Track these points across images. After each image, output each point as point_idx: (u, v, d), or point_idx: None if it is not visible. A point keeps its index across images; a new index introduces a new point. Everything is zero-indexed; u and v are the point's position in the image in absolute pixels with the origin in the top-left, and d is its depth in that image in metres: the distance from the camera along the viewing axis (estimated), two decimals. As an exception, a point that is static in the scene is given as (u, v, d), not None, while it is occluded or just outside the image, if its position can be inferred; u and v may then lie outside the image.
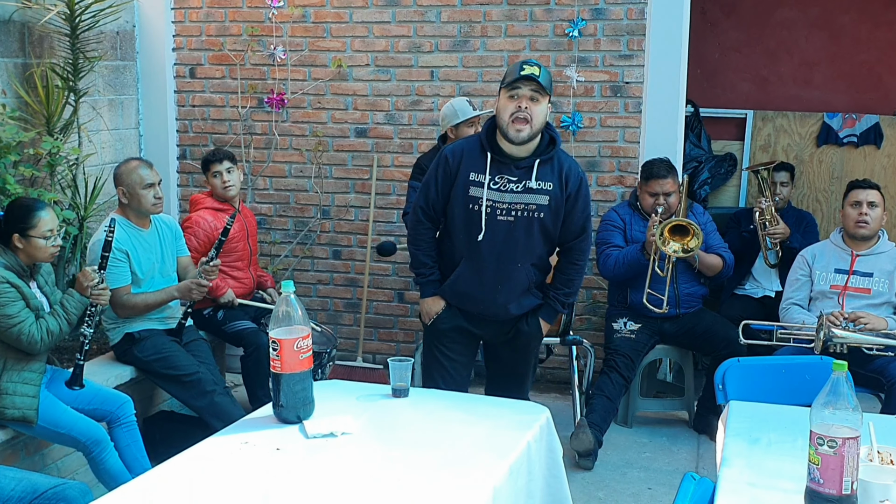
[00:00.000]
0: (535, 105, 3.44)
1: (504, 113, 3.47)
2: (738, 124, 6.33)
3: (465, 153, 3.60)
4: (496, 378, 3.93)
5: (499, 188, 3.54)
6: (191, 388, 4.19)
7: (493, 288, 3.65)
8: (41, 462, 3.84)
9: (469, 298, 3.70)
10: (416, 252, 3.78)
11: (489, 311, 3.70)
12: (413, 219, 3.77)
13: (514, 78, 3.44)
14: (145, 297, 4.19)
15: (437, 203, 3.66)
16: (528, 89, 3.43)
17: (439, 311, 3.75)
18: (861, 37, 6.12)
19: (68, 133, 4.93)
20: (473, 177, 3.56)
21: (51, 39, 4.97)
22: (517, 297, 3.69)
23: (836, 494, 2.05)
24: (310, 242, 5.79)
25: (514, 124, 3.45)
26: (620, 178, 5.30)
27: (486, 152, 3.56)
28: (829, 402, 2.06)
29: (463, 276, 3.66)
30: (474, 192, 3.55)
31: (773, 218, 5.15)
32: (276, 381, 2.75)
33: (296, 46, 5.62)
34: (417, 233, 3.76)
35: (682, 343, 4.87)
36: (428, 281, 3.76)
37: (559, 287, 3.79)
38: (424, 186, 3.70)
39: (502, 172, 3.54)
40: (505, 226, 3.57)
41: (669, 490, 4.17)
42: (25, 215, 3.50)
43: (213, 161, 4.83)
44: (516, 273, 3.65)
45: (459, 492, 2.35)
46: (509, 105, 3.46)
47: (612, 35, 5.18)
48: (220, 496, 2.30)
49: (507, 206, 3.55)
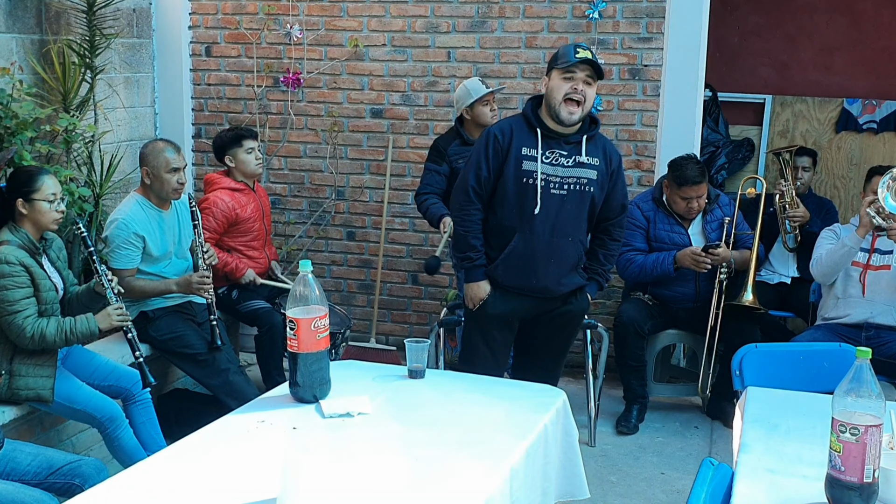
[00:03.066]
0: (588, 88, 3.51)
1: (557, 93, 3.51)
2: (756, 109, 6.29)
3: (514, 130, 3.63)
4: (526, 361, 3.90)
5: (551, 162, 3.59)
6: (205, 366, 4.20)
7: (546, 261, 3.65)
8: (56, 438, 3.85)
9: (521, 274, 3.67)
10: (466, 234, 3.72)
11: (540, 284, 3.69)
12: (462, 199, 3.70)
13: (571, 61, 3.48)
14: (144, 285, 4.16)
15: (490, 181, 3.65)
16: (584, 73, 3.49)
17: (485, 296, 3.73)
18: (882, 22, 6.05)
19: (84, 110, 4.92)
20: (525, 151, 3.59)
21: (67, 16, 4.96)
22: (567, 271, 3.71)
23: (857, 482, 2.03)
24: (324, 223, 5.78)
25: (567, 105, 3.51)
26: (637, 162, 5.27)
27: (535, 128, 3.59)
28: (851, 389, 2.04)
29: (516, 250, 3.65)
30: (528, 165, 3.58)
31: (794, 201, 5.11)
32: (293, 360, 2.74)
33: (312, 25, 5.59)
34: (467, 213, 3.70)
35: (696, 328, 4.85)
36: (475, 265, 3.73)
37: (603, 261, 3.86)
38: (474, 166, 3.66)
39: (553, 147, 3.59)
40: (558, 199, 3.60)
41: (682, 475, 4.16)
42: (28, 180, 3.49)
43: (249, 137, 4.80)
44: (568, 247, 3.68)
45: (477, 472, 2.34)
46: (564, 85, 3.50)
47: (632, 17, 5.13)
48: (236, 474, 2.30)
49: (559, 180, 3.60)
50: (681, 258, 4.62)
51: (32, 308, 3.43)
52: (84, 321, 3.50)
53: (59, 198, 3.55)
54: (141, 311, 4.22)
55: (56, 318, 3.48)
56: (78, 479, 3.00)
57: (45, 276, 3.51)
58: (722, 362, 4.79)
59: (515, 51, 5.30)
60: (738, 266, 4.70)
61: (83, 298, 3.66)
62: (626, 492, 4.04)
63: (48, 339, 3.42)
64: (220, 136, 4.86)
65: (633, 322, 4.66)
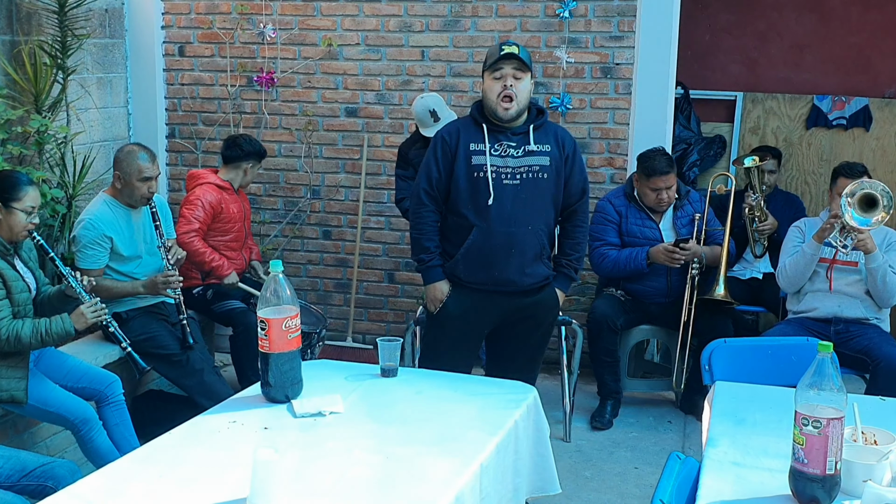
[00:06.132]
0: (518, 82, 3.57)
1: (491, 94, 3.60)
2: (727, 106, 6.33)
3: (460, 130, 3.70)
4: (501, 366, 3.83)
5: (500, 154, 3.64)
6: (179, 367, 4.20)
7: (506, 252, 3.66)
8: (30, 440, 3.84)
9: (482, 267, 3.68)
10: (419, 237, 3.75)
11: (502, 276, 3.68)
12: (415, 202, 3.75)
13: (496, 59, 3.57)
14: (111, 286, 4.15)
15: (441, 182, 3.69)
16: (510, 67, 3.56)
17: (444, 297, 3.75)
18: (851, 19, 6.11)
19: (57, 111, 4.90)
20: (474, 147, 3.64)
21: (39, 16, 4.93)
22: (530, 261, 3.71)
23: (820, 474, 2.06)
24: (299, 222, 5.78)
25: (502, 102, 3.58)
26: (610, 160, 5.30)
27: (481, 124, 3.66)
28: (814, 382, 2.07)
29: (475, 244, 3.66)
30: (477, 160, 3.63)
31: (763, 213, 5.16)
32: (264, 360, 2.75)
33: (285, 25, 5.59)
34: (420, 216, 3.73)
35: (669, 324, 4.89)
36: (430, 266, 3.75)
37: (569, 252, 3.89)
38: (425, 168, 3.72)
39: (500, 140, 3.64)
40: (511, 189, 3.63)
41: (656, 469, 4.19)
42: (13, 186, 3.47)
43: (266, 156, 5.02)
44: (527, 236, 3.68)
45: (447, 469, 2.36)
46: (495, 85, 3.59)
47: (603, 16, 5.16)
48: (207, 474, 2.31)
49: (511, 171, 3.63)
50: (654, 254, 4.67)
51: (6, 310, 3.40)
52: (59, 322, 3.47)
53: (35, 212, 3.53)
54: (114, 313, 4.20)
55: (31, 320, 3.45)
56: (51, 482, 2.99)
57: (17, 278, 3.49)
58: (695, 357, 4.84)
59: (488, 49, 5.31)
60: (709, 262, 4.75)
61: (55, 301, 3.64)
62: (601, 486, 4.08)
63: (23, 340, 3.39)
64: (252, 142, 4.92)
65: (606, 318, 4.70)
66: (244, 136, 4.99)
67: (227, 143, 4.91)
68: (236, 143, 4.87)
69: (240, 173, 4.88)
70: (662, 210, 4.80)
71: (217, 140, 5.68)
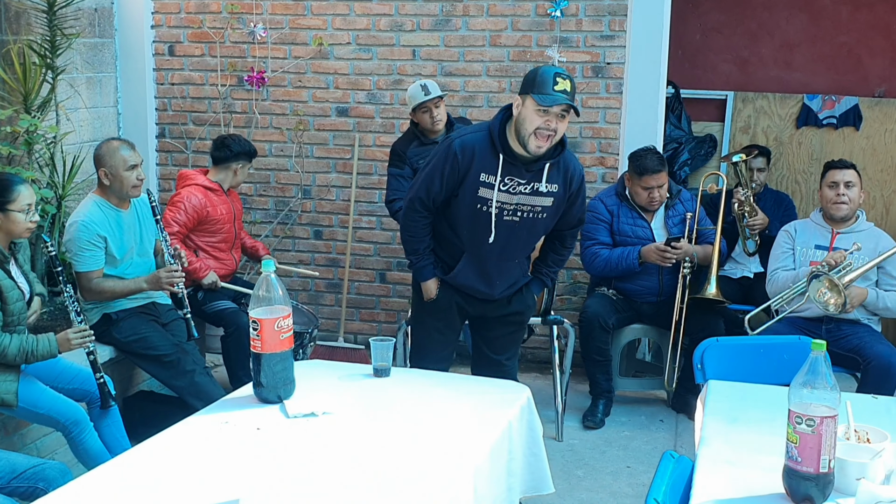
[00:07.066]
0: (561, 122, 3.35)
1: (529, 124, 3.33)
2: (718, 106, 6.34)
3: (476, 152, 3.46)
4: (484, 356, 3.92)
5: (508, 190, 3.48)
6: (170, 367, 4.18)
7: (493, 279, 3.70)
8: (20, 442, 3.82)
9: (467, 289, 3.74)
10: (411, 239, 3.72)
11: (486, 291, 3.74)
12: (408, 208, 3.65)
13: (549, 93, 3.28)
14: (114, 285, 4.13)
15: (440, 197, 3.57)
16: (560, 109, 3.31)
17: (434, 295, 3.77)
18: (841, 19, 6.13)
19: (46, 111, 4.87)
20: (484, 178, 3.47)
21: (28, 16, 4.91)
22: (511, 283, 3.77)
23: (813, 472, 2.07)
24: (291, 222, 5.77)
25: (537, 139, 3.34)
26: (601, 160, 5.31)
27: (497, 153, 3.44)
28: (807, 381, 2.07)
29: (464, 271, 3.68)
30: (484, 192, 3.49)
31: (753, 209, 5.17)
32: (256, 360, 2.74)
33: (276, 24, 5.57)
34: (412, 221, 3.66)
35: (661, 323, 4.90)
36: (423, 265, 3.74)
37: (552, 265, 3.90)
38: (427, 179, 3.56)
39: (512, 174, 3.46)
40: (509, 225, 3.56)
41: (648, 468, 4.20)
42: (4, 189, 3.44)
43: (256, 156, 4.99)
44: (513, 267, 3.73)
45: (441, 471, 2.36)
46: (537, 119, 3.31)
47: (595, 15, 5.17)
48: (199, 476, 2.30)
49: (513, 207, 3.53)
50: (645, 253, 4.68)
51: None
52: (45, 343, 3.42)
53: (34, 208, 3.50)
54: (104, 314, 4.19)
55: (18, 337, 3.39)
56: (42, 483, 2.97)
57: (13, 287, 3.42)
58: (686, 356, 4.85)
59: (480, 49, 5.32)
60: (701, 261, 4.76)
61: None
62: (593, 485, 4.08)
63: (9, 356, 3.35)
64: (241, 142, 4.88)
65: (598, 316, 4.70)
66: (233, 136, 4.96)
67: (216, 144, 4.89)
68: (225, 144, 4.84)
69: (229, 174, 4.85)
70: (654, 209, 4.81)
71: (207, 140, 5.66)
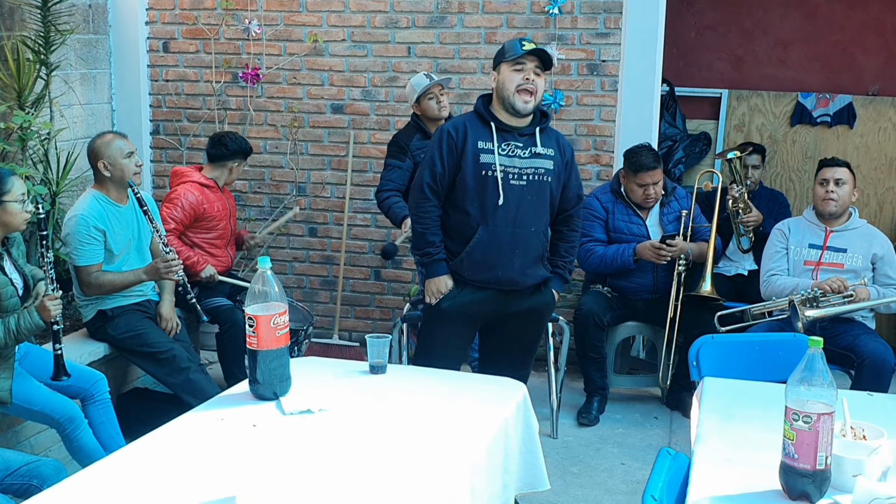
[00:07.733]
0: (538, 79, 3.59)
1: (510, 84, 3.58)
2: (712, 103, 6.34)
3: (468, 127, 3.66)
4: (493, 362, 3.83)
5: (507, 154, 3.62)
6: (165, 364, 4.17)
7: (511, 253, 3.67)
8: (14, 439, 3.81)
9: (486, 267, 3.68)
10: (424, 231, 3.72)
11: (506, 276, 3.69)
12: (418, 196, 3.71)
13: (519, 53, 3.56)
14: (113, 278, 4.13)
15: (445, 178, 3.66)
16: (532, 64, 3.57)
17: (446, 290, 3.73)
18: (835, 17, 6.13)
19: (40, 107, 4.86)
20: (482, 145, 3.62)
21: (21, 12, 4.89)
22: (532, 263, 3.74)
23: (810, 469, 2.07)
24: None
25: (521, 95, 3.57)
26: (596, 157, 5.31)
27: (488, 122, 3.64)
28: (804, 378, 2.07)
29: (480, 243, 3.66)
30: (485, 158, 3.61)
31: (747, 206, 5.17)
32: (252, 357, 2.73)
33: (271, 20, 5.56)
34: (423, 210, 3.70)
35: (655, 320, 4.90)
36: (435, 260, 3.72)
37: (564, 255, 3.91)
38: (429, 163, 3.67)
39: (508, 140, 3.63)
40: (518, 190, 3.63)
41: (643, 465, 4.21)
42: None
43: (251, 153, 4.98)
44: (531, 238, 3.71)
45: (437, 469, 2.35)
46: (515, 76, 3.57)
47: (590, 13, 5.17)
48: (195, 473, 2.29)
49: (518, 171, 3.63)
50: (640, 251, 4.68)
51: None
52: (27, 316, 3.39)
53: (27, 198, 3.49)
54: (99, 310, 4.18)
55: (1, 321, 3.37)
56: (36, 480, 2.97)
57: (6, 283, 3.41)
58: (681, 353, 4.85)
59: (475, 46, 5.32)
60: (696, 258, 4.77)
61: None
62: (588, 482, 4.08)
63: None
64: (237, 140, 4.88)
65: (593, 314, 4.70)
66: (230, 134, 4.95)
67: (212, 142, 4.88)
68: (221, 142, 4.83)
69: (225, 171, 4.85)
70: (649, 206, 4.81)
71: (202, 136, 5.65)
